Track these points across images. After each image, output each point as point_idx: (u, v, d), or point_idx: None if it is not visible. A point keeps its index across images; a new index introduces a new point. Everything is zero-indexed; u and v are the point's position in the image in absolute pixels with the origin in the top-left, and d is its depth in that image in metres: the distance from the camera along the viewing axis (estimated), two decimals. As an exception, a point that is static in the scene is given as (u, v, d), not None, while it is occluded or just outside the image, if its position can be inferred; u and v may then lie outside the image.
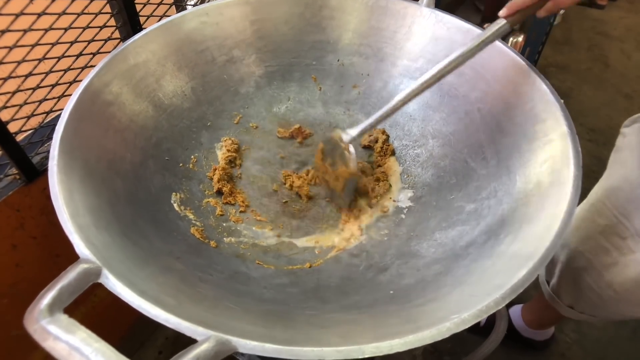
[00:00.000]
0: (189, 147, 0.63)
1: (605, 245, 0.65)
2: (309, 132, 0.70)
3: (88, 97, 0.51)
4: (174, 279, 0.42)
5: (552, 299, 0.82)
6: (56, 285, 0.32)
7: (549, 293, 0.82)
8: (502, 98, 0.56)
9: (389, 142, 0.68)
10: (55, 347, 0.29)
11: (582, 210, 0.70)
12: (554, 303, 0.82)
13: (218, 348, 0.31)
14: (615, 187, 0.64)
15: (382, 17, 0.68)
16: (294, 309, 0.45)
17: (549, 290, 0.82)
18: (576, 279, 0.74)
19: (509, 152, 0.52)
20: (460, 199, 0.55)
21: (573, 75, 1.98)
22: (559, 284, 0.79)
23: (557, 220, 0.39)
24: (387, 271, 0.50)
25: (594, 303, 0.73)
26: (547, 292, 0.83)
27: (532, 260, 0.37)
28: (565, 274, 0.76)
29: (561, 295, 0.80)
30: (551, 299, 0.82)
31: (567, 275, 0.76)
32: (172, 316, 0.32)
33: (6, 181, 0.62)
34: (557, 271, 0.77)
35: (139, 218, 0.49)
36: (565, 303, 0.79)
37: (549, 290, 0.82)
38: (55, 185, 0.40)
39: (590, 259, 0.68)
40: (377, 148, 0.67)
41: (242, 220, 0.59)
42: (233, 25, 0.67)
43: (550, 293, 0.82)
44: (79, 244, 0.36)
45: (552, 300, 0.82)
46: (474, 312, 0.33)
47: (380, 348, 0.31)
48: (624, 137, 0.68)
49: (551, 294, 0.82)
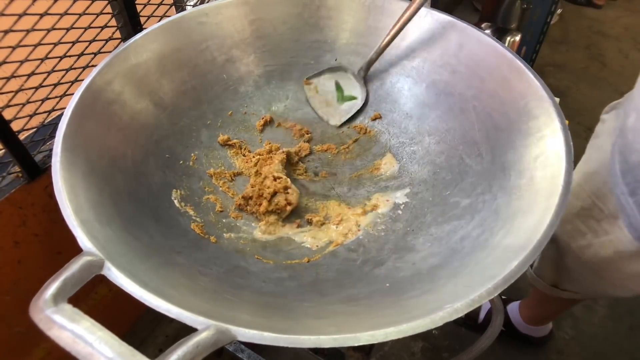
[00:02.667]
0: (189, 144, 0.64)
1: (581, 227, 0.68)
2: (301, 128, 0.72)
3: (90, 95, 0.52)
4: (174, 272, 0.43)
5: (536, 280, 0.87)
6: (60, 276, 0.33)
7: (532, 275, 0.87)
8: (496, 95, 0.57)
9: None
10: (60, 335, 0.30)
11: None
12: (538, 284, 0.87)
13: (218, 336, 0.31)
14: (592, 172, 0.66)
15: (379, 17, 0.69)
16: (292, 301, 0.46)
17: (532, 272, 0.87)
18: (556, 261, 0.78)
19: (504, 149, 0.53)
20: (456, 194, 0.56)
21: (570, 74, 1.99)
22: (540, 266, 0.85)
23: (549, 213, 0.40)
24: (384, 265, 0.50)
25: (576, 279, 0.77)
26: (531, 274, 0.87)
27: (524, 252, 0.38)
28: (546, 255, 0.80)
29: (543, 275, 0.84)
30: (534, 280, 0.87)
31: (547, 257, 0.80)
32: (173, 306, 0.33)
33: (9, 179, 0.63)
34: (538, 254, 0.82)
35: (140, 214, 0.50)
36: (548, 283, 0.84)
37: (532, 273, 0.87)
38: (59, 181, 0.41)
39: (567, 242, 0.71)
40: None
41: (241, 217, 0.60)
42: (232, 25, 0.68)
43: (533, 275, 0.87)
44: (82, 237, 0.37)
45: (536, 282, 0.87)
46: (466, 301, 0.34)
47: (375, 336, 0.32)
48: (603, 123, 0.70)
49: (534, 276, 0.86)
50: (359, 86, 0.69)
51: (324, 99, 0.70)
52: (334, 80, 0.70)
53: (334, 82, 0.70)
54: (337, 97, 0.70)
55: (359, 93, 0.69)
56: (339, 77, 0.71)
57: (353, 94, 0.70)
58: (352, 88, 0.70)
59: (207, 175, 0.63)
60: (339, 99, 0.70)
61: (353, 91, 0.70)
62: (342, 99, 0.70)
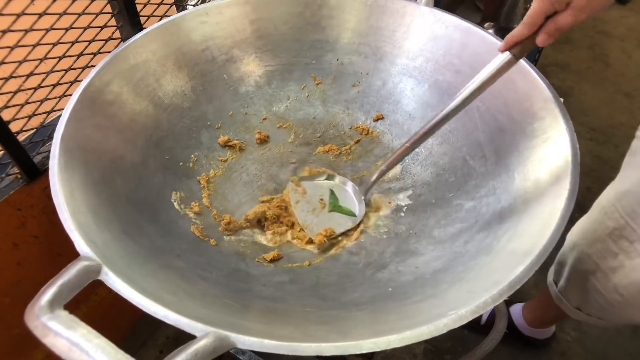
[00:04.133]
0: (189, 146, 0.63)
1: (612, 248, 0.65)
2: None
3: (89, 96, 0.51)
4: (173, 276, 0.43)
5: (560, 300, 0.82)
6: (56, 282, 0.33)
7: (556, 294, 0.82)
8: (500, 96, 0.56)
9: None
10: (56, 343, 0.30)
11: (593, 212, 0.69)
12: (562, 305, 0.82)
13: (217, 344, 0.31)
14: (627, 190, 0.63)
15: (381, 16, 0.68)
16: (293, 306, 0.45)
17: (557, 291, 0.82)
18: (583, 282, 0.73)
19: (508, 150, 0.53)
20: (459, 197, 0.55)
21: (573, 74, 1.98)
22: (567, 286, 0.79)
23: (554, 217, 0.40)
24: (386, 269, 0.50)
25: (601, 306, 0.72)
26: (555, 293, 0.82)
27: (529, 257, 0.37)
28: (573, 276, 0.76)
29: (569, 297, 0.80)
30: (559, 300, 0.82)
31: (575, 278, 0.76)
32: (171, 312, 0.32)
33: (7, 180, 0.63)
34: (565, 273, 0.77)
35: (139, 216, 0.49)
36: (573, 305, 0.79)
37: (556, 292, 0.82)
38: (56, 183, 0.41)
39: (597, 262, 0.68)
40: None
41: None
42: (233, 24, 0.67)
43: (558, 294, 0.82)
44: (79, 241, 0.36)
45: (560, 301, 0.82)
46: (471, 308, 0.33)
47: (378, 344, 0.31)
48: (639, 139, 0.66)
49: (559, 295, 0.82)
50: (357, 203, 0.61)
51: (310, 206, 0.62)
52: (328, 187, 0.63)
53: (328, 189, 0.63)
54: (330, 204, 0.61)
55: (356, 210, 0.61)
56: (335, 187, 0.64)
57: (350, 208, 0.61)
58: (350, 202, 0.62)
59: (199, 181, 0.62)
60: (331, 207, 0.61)
61: (350, 206, 0.61)
62: (334, 208, 0.61)
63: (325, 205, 0.61)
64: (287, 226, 0.58)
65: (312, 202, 0.62)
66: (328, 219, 0.60)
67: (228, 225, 0.56)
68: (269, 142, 0.69)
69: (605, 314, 0.74)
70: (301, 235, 0.57)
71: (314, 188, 0.63)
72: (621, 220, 0.63)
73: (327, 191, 0.63)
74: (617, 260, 0.64)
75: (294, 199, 0.62)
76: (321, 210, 0.61)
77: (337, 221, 0.59)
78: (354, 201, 0.62)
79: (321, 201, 0.62)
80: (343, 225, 0.59)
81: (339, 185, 0.64)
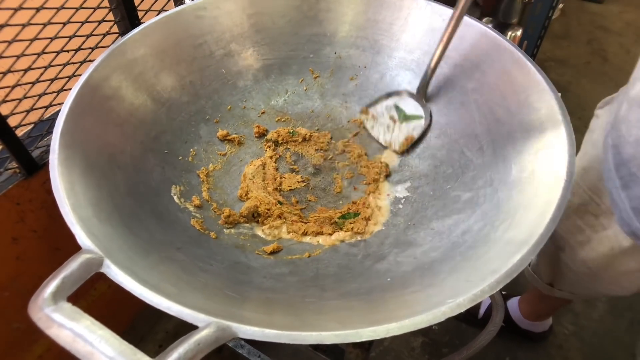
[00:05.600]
0: (188, 140, 0.64)
1: (579, 223, 0.68)
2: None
3: (88, 91, 0.51)
4: (174, 268, 0.43)
5: (533, 277, 0.86)
6: (59, 275, 0.33)
7: (529, 272, 0.87)
8: (497, 88, 0.57)
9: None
10: (60, 334, 0.30)
11: None
12: (534, 281, 0.86)
13: (218, 334, 0.31)
14: (588, 167, 0.66)
15: (378, 9, 0.68)
16: (293, 296, 0.45)
17: (530, 269, 0.86)
18: (553, 258, 0.77)
19: (505, 142, 0.53)
20: (457, 188, 0.55)
21: (572, 69, 1.98)
22: (538, 263, 0.84)
23: (551, 207, 0.40)
24: (385, 260, 0.50)
25: (571, 280, 0.76)
26: (528, 271, 0.87)
27: (526, 246, 0.37)
28: (543, 253, 0.80)
29: (541, 274, 0.84)
30: (531, 277, 0.86)
31: (545, 255, 0.80)
32: (174, 304, 0.33)
33: (6, 175, 0.63)
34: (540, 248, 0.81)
35: (140, 210, 0.50)
36: (545, 281, 0.83)
37: (529, 270, 0.86)
38: (57, 178, 0.41)
39: (565, 238, 0.71)
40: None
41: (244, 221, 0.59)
42: (230, 19, 0.67)
43: (530, 272, 0.86)
44: (81, 234, 0.37)
45: (533, 279, 0.86)
46: (469, 296, 0.34)
47: (377, 332, 0.32)
48: (597, 118, 0.70)
49: (532, 273, 0.86)
50: (420, 106, 0.65)
51: (384, 126, 0.67)
52: (392, 104, 0.67)
53: (392, 106, 0.67)
54: (399, 117, 0.66)
55: (421, 112, 0.65)
56: (397, 101, 0.67)
57: (416, 113, 0.66)
58: (413, 109, 0.66)
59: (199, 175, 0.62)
60: (401, 118, 0.66)
61: (415, 111, 0.66)
62: (405, 118, 0.66)
63: (396, 120, 0.67)
64: (282, 219, 0.59)
65: (385, 122, 0.67)
66: (405, 130, 0.66)
67: (228, 218, 0.56)
68: (267, 135, 0.69)
69: (576, 287, 0.78)
70: (296, 229, 0.57)
71: (381, 109, 0.68)
72: (585, 196, 0.66)
73: (392, 108, 0.68)
74: (584, 235, 0.67)
75: (369, 125, 0.69)
76: (394, 125, 0.67)
77: (412, 128, 0.65)
78: (417, 106, 0.66)
79: (391, 118, 0.67)
80: (417, 129, 0.64)
81: (400, 99, 0.68)
